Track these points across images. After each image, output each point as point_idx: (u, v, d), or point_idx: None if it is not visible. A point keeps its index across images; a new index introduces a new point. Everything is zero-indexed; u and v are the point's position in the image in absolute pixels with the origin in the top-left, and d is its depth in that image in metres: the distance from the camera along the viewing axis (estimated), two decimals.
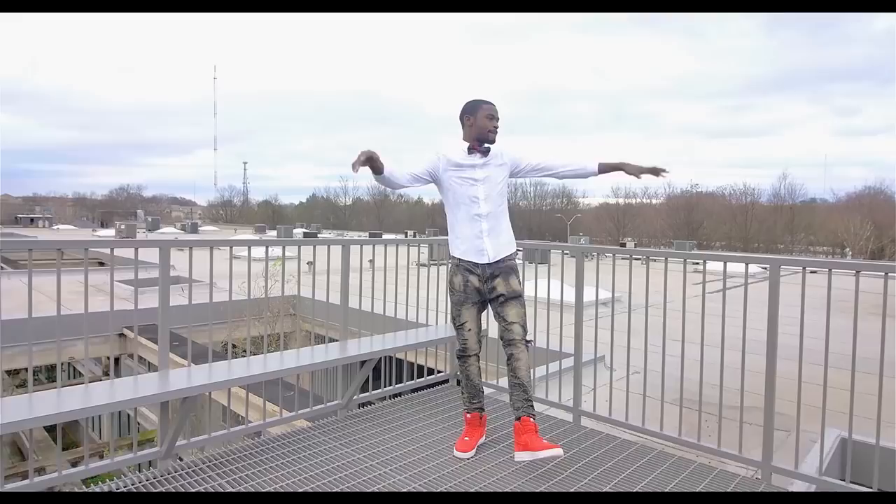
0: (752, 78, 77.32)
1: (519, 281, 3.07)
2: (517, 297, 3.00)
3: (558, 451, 2.72)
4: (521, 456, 2.76)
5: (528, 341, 2.97)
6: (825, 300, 2.75)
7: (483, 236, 3.00)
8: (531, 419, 2.83)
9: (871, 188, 46.48)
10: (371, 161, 2.75)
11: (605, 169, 3.12)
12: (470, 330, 3.05)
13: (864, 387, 2.65)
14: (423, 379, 4.27)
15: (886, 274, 2.55)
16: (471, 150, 3.04)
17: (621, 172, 3.11)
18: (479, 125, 3.03)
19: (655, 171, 3.03)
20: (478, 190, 3.01)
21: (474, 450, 3.03)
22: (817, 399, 2.77)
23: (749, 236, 45.23)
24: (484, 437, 3.16)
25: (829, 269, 2.70)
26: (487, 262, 2.99)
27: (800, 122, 75.28)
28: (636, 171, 3.05)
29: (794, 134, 75.29)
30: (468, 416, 3.14)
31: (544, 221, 50.76)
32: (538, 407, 3.83)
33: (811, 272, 2.82)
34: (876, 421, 2.54)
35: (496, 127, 3.06)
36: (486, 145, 3.05)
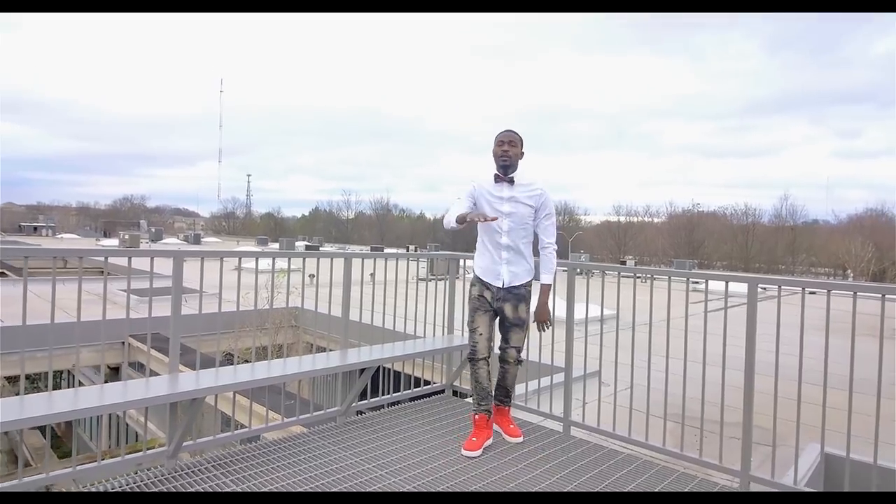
0: (753, 99, 78.11)
1: (528, 309, 3.35)
2: (521, 324, 3.33)
3: (518, 439, 3.41)
4: (494, 427, 3.49)
5: (519, 361, 3.41)
6: (813, 319, 2.90)
7: (501, 263, 3.26)
8: (505, 406, 3.51)
9: (873, 210, 46.71)
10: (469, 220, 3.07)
11: (543, 288, 3.34)
12: (481, 335, 3.27)
13: (840, 402, 2.79)
14: (419, 389, 4.41)
15: (855, 294, 2.71)
16: (497, 179, 3.25)
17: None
18: (495, 154, 3.26)
19: (539, 324, 3.34)
20: (502, 223, 3.22)
21: (481, 450, 3.23)
22: (801, 415, 2.90)
23: (750, 256, 45.32)
24: (490, 440, 3.35)
25: (803, 288, 2.86)
26: (501, 286, 3.27)
27: (801, 144, 75.87)
28: (539, 309, 3.31)
29: (795, 155, 75.82)
30: (476, 417, 3.34)
31: None
32: (531, 418, 3.99)
33: (810, 293, 2.95)
34: (846, 435, 2.68)
35: (505, 151, 3.22)
36: (512, 175, 3.23)
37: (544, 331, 3.42)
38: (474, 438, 3.28)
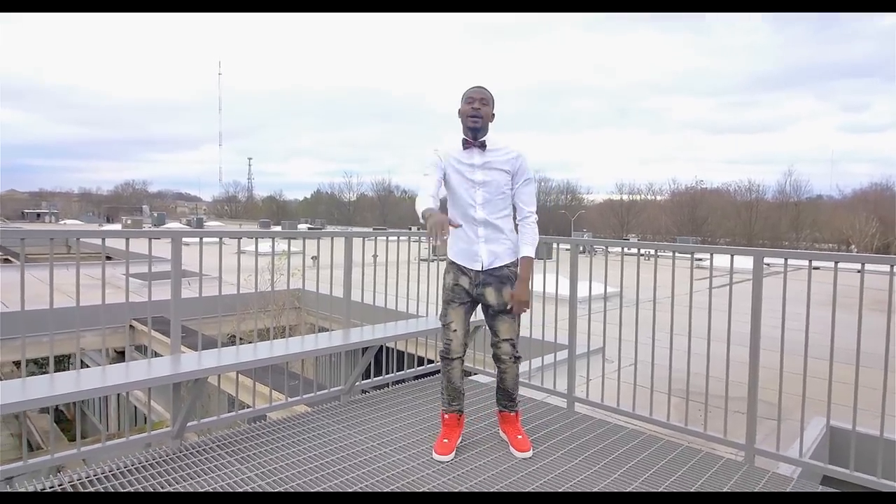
0: (757, 74, 77.27)
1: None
2: (508, 310, 2.85)
3: (527, 454, 2.93)
4: (502, 435, 3.12)
5: (516, 357, 2.93)
6: (819, 294, 2.86)
7: (479, 242, 2.83)
8: (510, 412, 3.07)
9: (878, 185, 46.54)
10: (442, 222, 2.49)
11: (523, 263, 2.85)
12: (455, 331, 2.86)
13: (844, 376, 2.77)
14: (422, 367, 4.41)
15: (863, 265, 2.67)
16: (465, 145, 2.81)
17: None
18: (463, 113, 2.80)
19: (515, 306, 2.83)
20: (476, 193, 2.80)
21: (453, 452, 2.91)
22: (806, 389, 2.88)
23: (753, 233, 45.20)
24: (460, 439, 3.02)
25: (809, 261, 2.82)
26: (480, 269, 2.84)
27: (806, 119, 75.32)
28: (519, 287, 2.83)
29: (799, 130, 75.31)
30: (446, 416, 2.99)
31: (548, 218, 50.90)
32: (534, 394, 3.99)
33: (814, 268, 2.89)
34: (852, 409, 2.66)
35: (476, 110, 2.76)
36: (483, 139, 2.81)
37: (521, 312, 2.87)
38: (445, 440, 2.92)
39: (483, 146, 2.82)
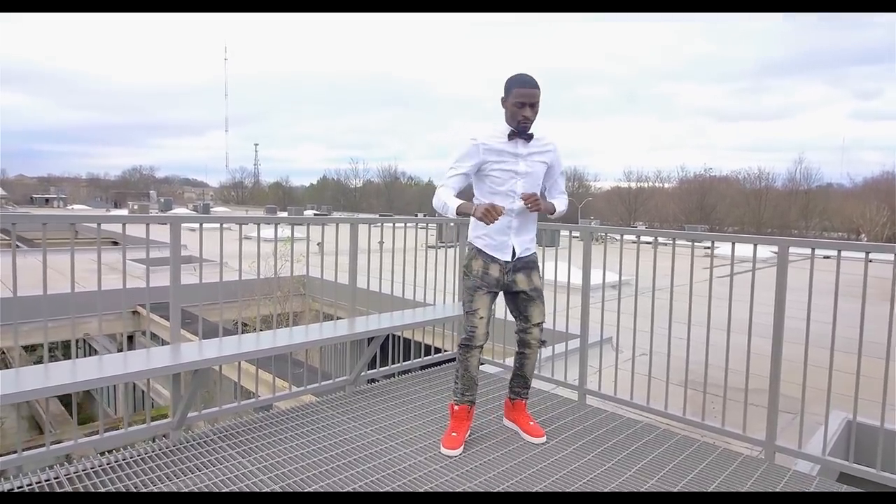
0: (767, 60, 76.15)
1: (540, 276, 2.97)
2: (539, 295, 2.92)
3: (541, 440, 2.97)
4: (508, 424, 3.15)
5: (543, 342, 2.98)
6: (826, 283, 2.73)
7: (510, 233, 2.83)
8: (522, 400, 3.11)
9: (889, 173, 45.84)
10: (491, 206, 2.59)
11: (548, 205, 2.93)
12: (482, 318, 2.84)
13: (871, 370, 2.65)
14: (430, 357, 4.31)
15: None
16: (511, 136, 2.77)
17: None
18: (510, 111, 2.75)
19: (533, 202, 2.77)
20: (517, 184, 2.78)
21: (462, 446, 2.83)
22: (826, 382, 2.76)
23: (762, 221, 44.78)
24: (468, 432, 2.96)
25: (839, 251, 2.69)
26: (510, 259, 2.86)
27: (817, 106, 74.32)
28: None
29: (810, 117, 74.35)
30: (456, 408, 2.93)
31: None
32: (545, 386, 3.89)
33: (824, 257, 2.79)
34: (881, 404, 2.54)
35: (527, 118, 2.72)
36: (531, 131, 2.79)
37: (535, 208, 2.78)
38: (454, 434, 2.86)
39: (530, 137, 2.80)
